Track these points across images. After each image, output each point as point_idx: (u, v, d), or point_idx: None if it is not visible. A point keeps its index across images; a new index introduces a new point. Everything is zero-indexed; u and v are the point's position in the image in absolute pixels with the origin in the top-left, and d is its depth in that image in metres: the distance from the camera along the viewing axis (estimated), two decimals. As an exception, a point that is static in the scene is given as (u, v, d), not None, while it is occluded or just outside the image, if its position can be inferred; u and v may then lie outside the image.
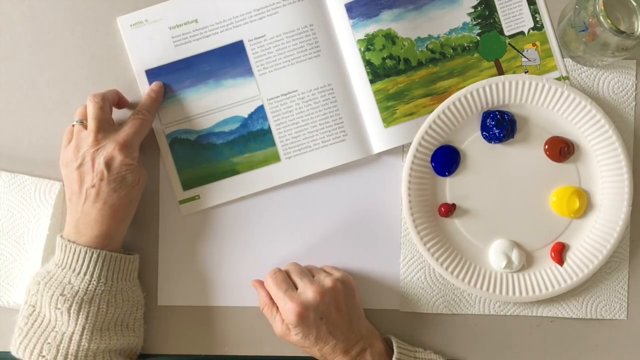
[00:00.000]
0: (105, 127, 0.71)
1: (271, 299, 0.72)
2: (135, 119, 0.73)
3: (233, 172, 0.77)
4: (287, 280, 0.71)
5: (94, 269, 0.69)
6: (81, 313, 0.68)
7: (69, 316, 0.68)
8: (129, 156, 0.70)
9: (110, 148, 0.69)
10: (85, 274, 0.69)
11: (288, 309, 0.68)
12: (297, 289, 0.70)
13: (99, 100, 0.71)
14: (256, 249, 0.77)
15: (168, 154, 0.77)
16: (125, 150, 0.70)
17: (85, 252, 0.68)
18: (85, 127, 0.71)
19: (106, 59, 0.78)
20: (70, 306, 0.68)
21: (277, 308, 0.71)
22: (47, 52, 0.78)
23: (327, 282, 0.70)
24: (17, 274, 0.76)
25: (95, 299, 0.69)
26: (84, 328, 0.68)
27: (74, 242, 0.69)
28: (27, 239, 0.76)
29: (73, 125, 0.73)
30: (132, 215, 0.73)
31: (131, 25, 0.77)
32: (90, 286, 0.69)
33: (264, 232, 0.78)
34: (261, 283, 0.74)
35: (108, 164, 0.69)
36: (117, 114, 0.76)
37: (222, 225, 0.78)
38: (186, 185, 0.77)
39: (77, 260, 0.69)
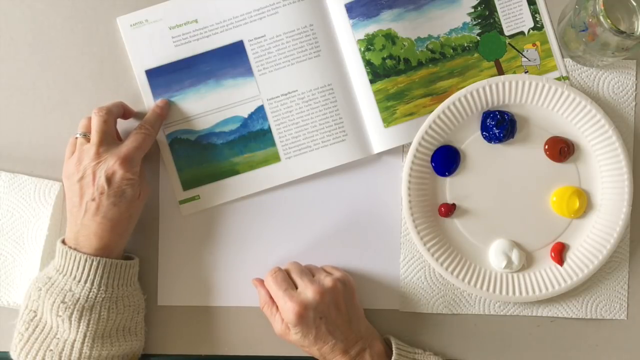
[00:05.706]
0: (108, 140, 0.71)
1: (271, 297, 0.72)
2: (138, 134, 0.72)
3: (233, 172, 0.77)
4: (287, 280, 0.71)
5: (95, 276, 0.69)
6: (82, 321, 0.68)
7: (70, 324, 0.68)
8: (130, 171, 0.70)
9: (111, 162, 0.69)
10: (86, 282, 0.68)
11: (288, 308, 0.68)
12: (297, 288, 0.70)
13: (103, 114, 0.71)
14: (256, 248, 0.77)
15: (168, 154, 0.77)
16: (126, 165, 0.69)
17: (86, 260, 0.68)
18: (88, 140, 0.71)
19: (106, 59, 0.78)
20: (72, 314, 0.68)
21: (277, 307, 0.71)
22: (47, 52, 0.78)
23: (327, 281, 0.70)
24: (17, 274, 0.76)
25: (96, 307, 0.69)
26: (85, 335, 0.68)
27: (74, 249, 0.69)
28: (26, 239, 0.76)
29: (76, 138, 0.73)
30: (132, 229, 0.73)
31: (131, 25, 0.77)
32: (91, 294, 0.68)
33: (264, 232, 0.78)
34: (261, 282, 0.74)
35: (109, 178, 0.69)
36: (123, 124, 0.76)
37: (222, 225, 0.78)
38: (186, 185, 0.77)
39: (78, 268, 0.68)
